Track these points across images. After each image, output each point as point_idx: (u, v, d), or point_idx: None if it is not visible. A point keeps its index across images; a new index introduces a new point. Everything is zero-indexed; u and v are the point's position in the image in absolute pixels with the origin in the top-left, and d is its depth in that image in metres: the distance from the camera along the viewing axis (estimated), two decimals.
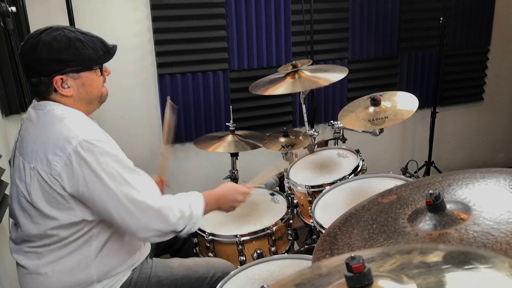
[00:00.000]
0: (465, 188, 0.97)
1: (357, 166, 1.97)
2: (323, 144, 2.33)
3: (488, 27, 3.46)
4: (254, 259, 1.74)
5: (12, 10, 1.69)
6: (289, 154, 2.23)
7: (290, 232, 1.95)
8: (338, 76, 2.10)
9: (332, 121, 2.25)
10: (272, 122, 3.04)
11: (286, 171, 2.12)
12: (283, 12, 2.85)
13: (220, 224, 1.87)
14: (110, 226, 1.38)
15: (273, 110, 3.02)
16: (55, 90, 1.32)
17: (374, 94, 1.88)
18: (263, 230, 1.79)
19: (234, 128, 2.37)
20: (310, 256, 1.47)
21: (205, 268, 1.59)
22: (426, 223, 0.87)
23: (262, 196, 2.06)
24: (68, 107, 1.35)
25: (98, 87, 1.40)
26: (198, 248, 1.92)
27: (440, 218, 0.85)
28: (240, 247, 1.76)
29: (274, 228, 1.80)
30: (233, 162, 2.45)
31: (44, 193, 1.28)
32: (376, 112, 1.84)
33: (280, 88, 2.11)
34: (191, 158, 2.94)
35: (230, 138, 2.34)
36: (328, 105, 3.16)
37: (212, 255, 1.82)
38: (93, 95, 1.39)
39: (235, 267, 1.59)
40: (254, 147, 2.31)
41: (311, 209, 1.77)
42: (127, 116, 2.72)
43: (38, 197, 1.29)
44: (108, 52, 1.39)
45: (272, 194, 2.06)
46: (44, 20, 2.37)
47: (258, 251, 1.78)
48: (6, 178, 1.79)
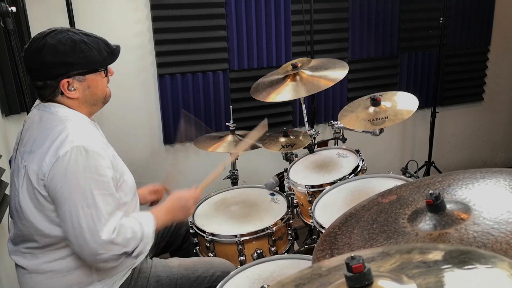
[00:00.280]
0: (465, 188, 0.97)
1: (357, 166, 1.97)
2: (323, 144, 2.33)
3: (488, 27, 3.46)
4: (254, 259, 1.74)
5: (12, 10, 1.69)
6: (289, 155, 2.24)
7: (290, 232, 1.95)
8: (339, 73, 2.09)
9: (332, 121, 2.25)
10: (272, 122, 3.03)
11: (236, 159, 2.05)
12: (283, 12, 2.85)
13: (220, 224, 1.87)
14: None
15: (273, 110, 3.02)
16: (61, 93, 1.32)
17: (374, 94, 1.88)
18: (263, 230, 1.79)
19: (234, 128, 2.37)
20: (310, 256, 1.46)
21: (204, 267, 1.59)
22: (426, 223, 0.87)
23: (262, 196, 2.06)
24: (72, 109, 1.36)
25: (103, 88, 1.40)
26: (198, 248, 1.92)
27: (440, 218, 0.86)
28: (240, 247, 1.76)
29: (274, 228, 1.80)
30: (233, 162, 2.45)
31: (30, 194, 1.28)
32: (376, 112, 1.84)
33: (282, 94, 2.10)
34: (191, 158, 2.94)
35: (230, 138, 2.34)
36: (328, 105, 3.16)
37: (212, 255, 1.82)
38: (98, 96, 1.40)
39: (235, 266, 1.60)
40: (254, 147, 2.31)
41: (311, 209, 1.77)
42: (127, 116, 2.72)
43: (24, 197, 1.29)
44: (112, 53, 1.39)
45: (272, 194, 2.06)
46: (44, 20, 2.37)
47: (258, 251, 1.78)
48: (6, 178, 1.79)
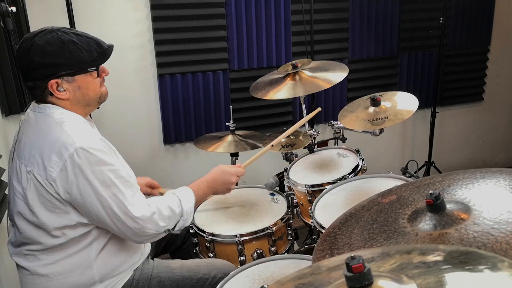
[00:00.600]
0: (465, 188, 0.97)
1: (357, 166, 1.97)
2: (323, 144, 2.33)
3: (488, 27, 3.46)
4: (254, 259, 1.74)
5: (12, 10, 1.69)
6: (289, 155, 2.23)
7: (290, 232, 1.95)
8: (339, 76, 2.09)
9: (332, 121, 2.25)
10: (272, 122, 3.04)
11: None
12: (283, 12, 2.85)
13: (220, 224, 1.87)
14: None
15: (273, 110, 3.03)
16: (51, 94, 1.31)
17: (374, 94, 1.88)
18: (263, 230, 1.79)
19: (234, 128, 2.37)
20: (310, 256, 1.46)
21: (206, 269, 1.59)
22: (426, 223, 0.87)
23: (262, 196, 2.06)
24: (67, 110, 1.34)
25: (94, 89, 1.38)
26: (198, 248, 1.92)
27: (440, 218, 0.85)
28: (240, 247, 1.76)
29: (274, 228, 1.80)
30: (233, 162, 2.44)
31: (40, 197, 1.28)
32: (376, 112, 1.84)
33: (281, 92, 2.10)
34: (191, 158, 2.94)
35: (230, 138, 2.34)
36: (328, 105, 3.16)
37: (212, 255, 1.82)
38: (90, 97, 1.37)
39: (236, 267, 1.59)
40: (254, 147, 2.31)
41: (311, 209, 1.77)
42: (127, 116, 2.72)
43: (34, 200, 1.28)
44: (104, 53, 1.36)
45: (272, 194, 2.06)
46: (44, 20, 2.37)
47: (258, 251, 1.78)
48: (6, 178, 1.79)
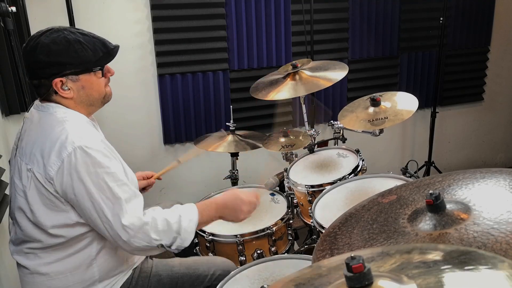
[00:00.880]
0: (465, 188, 0.97)
1: (357, 166, 1.97)
2: (323, 144, 2.33)
3: (488, 27, 3.46)
4: (254, 259, 1.74)
5: (12, 10, 1.69)
6: (289, 155, 2.23)
7: (290, 232, 1.95)
8: (339, 74, 2.09)
9: (332, 121, 2.25)
10: (272, 122, 3.04)
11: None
12: (283, 12, 2.85)
13: (220, 224, 1.86)
14: None
15: (273, 110, 3.02)
16: (56, 92, 1.32)
17: (374, 95, 1.88)
18: (263, 230, 1.79)
19: (234, 128, 2.37)
20: (310, 256, 1.46)
21: (205, 266, 1.59)
22: (426, 223, 0.87)
23: (262, 196, 2.06)
24: (70, 109, 1.35)
25: (98, 89, 1.38)
26: (198, 248, 1.92)
27: (440, 218, 0.85)
28: (240, 247, 1.76)
29: (274, 228, 1.80)
30: (233, 162, 2.45)
31: (40, 195, 1.28)
32: (376, 112, 1.84)
33: (282, 93, 2.10)
34: (191, 158, 2.94)
35: (230, 138, 2.34)
36: (328, 105, 3.16)
37: (212, 255, 1.82)
38: (93, 97, 1.38)
39: (236, 267, 1.59)
40: (254, 147, 2.31)
41: (311, 209, 1.77)
42: (127, 116, 2.72)
43: (34, 198, 1.28)
44: (109, 53, 1.37)
45: (272, 194, 2.06)
46: (44, 20, 2.37)
47: (258, 251, 1.78)
48: (6, 178, 1.79)
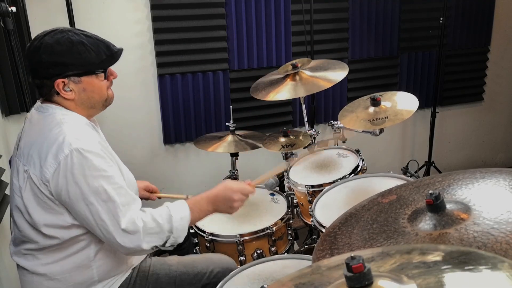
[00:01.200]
0: (465, 188, 0.97)
1: (357, 166, 1.97)
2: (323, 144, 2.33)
3: (488, 27, 3.46)
4: (254, 259, 1.75)
5: (12, 10, 1.69)
6: (289, 155, 2.23)
7: (290, 232, 1.95)
8: (339, 74, 2.09)
9: (332, 121, 2.24)
10: (272, 122, 3.04)
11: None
12: (283, 12, 2.85)
13: (220, 224, 1.87)
14: None
15: (273, 110, 3.02)
16: (57, 93, 1.32)
17: (374, 94, 1.88)
18: (263, 230, 1.79)
19: (234, 128, 2.37)
20: (310, 256, 1.46)
21: (203, 263, 1.59)
22: (426, 223, 0.87)
23: (262, 196, 2.06)
24: (70, 111, 1.35)
25: (100, 92, 1.38)
26: (198, 248, 1.92)
27: (440, 218, 0.85)
28: (240, 247, 1.76)
29: (274, 228, 1.80)
30: (233, 162, 2.45)
31: (35, 196, 1.28)
32: (376, 112, 1.84)
33: (282, 93, 2.10)
34: (191, 158, 2.94)
35: (230, 138, 2.34)
36: (328, 105, 3.16)
37: None
38: (94, 100, 1.38)
39: (234, 262, 1.59)
40: (254, 147, 2.31)
41: (311, 208, 1.77)
42: (127, 116, 2.71)
43: (29, 199, 1.28)
44: (112, 56, 1.36)
45: (272, 194, 2.06)
46: (44, 20, 2.37)
47: (258, 251, 1.78)
48: (6, 178, 1.79)
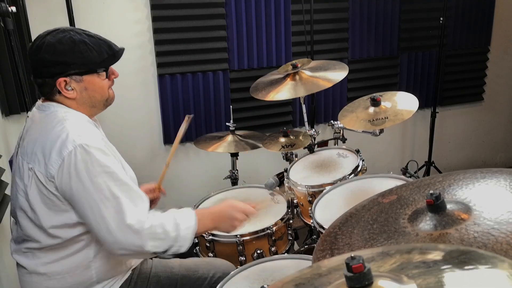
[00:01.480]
0: (465, 188, 0.96)
1: (357, 166, 1.97)
2: (323, 144, 2.33)
3: (488, 27, 3.46)
4: (254, 259, 1.74)
5: (12, 10, 1.69)
6: (289, 155, 2.23)
7: (290, 232, 1.95)
8: (339, 74, 2.09)
9: (332, 121, 2.24)
10: (272, 122, 3.04)
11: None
12: (283, 12, 2.85)
13: None
14: None
15: (273, 110, 3.03)
16: (59, 92, 1.32)
17: (374, 94, 1.88)
18: (263, 230, 1.79)
19: (234, 128, 2.37)
20: (310, 256, 1.46)
21: (205, 268, 1.59)
22: (427, 223, 0.87)
23: (262, 196, 2.06)
24: (71, 109, 1.35)
25: (101, 91, 1.38)
26: (198, 248, 1.92)
27: (441, 218, 0.85)
28: (240, 247, 1.76)
29: (274, 228, 1.80)
30: (233, 162, 2.45)
31: (41, 194, 1.28)
32: (376, 112, 1.84)
33: (282, 93, 2.10)
34: (191, 158, 2.94)
35: (230, 138, 2.34)
36: (328, 105, 3.16)
37: (212, 255, 1.82)
38: (96, 99, 1.38)
39: (236, 267, 1.59)
40: (254, 147, 2.31)
41: (311, 209, 1.77)
42: (127, 116, 2.72)
43: (35, 198, 1.28)
44: (114, 55, 1.37)
45: (272, 194, 2.06)
46: (44, 20, 2.37)
47: (258, 251, 1.78)
48: (6, 178, 1.79)
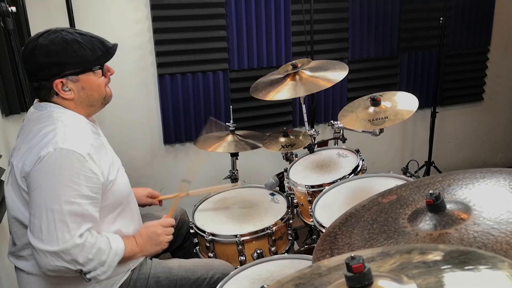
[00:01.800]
0: (465, 188, 0.96)
1: (357, 166, 1.97)
2: (323, 144, 2.33)
3: (488, 27, 3.46)
4: (254, 259, 1.74)
5: (12, 10, 1.69)
6: (289, 155, 2.23)
7: (290, 232, 1.95)
8: (339, 74, 2.09)
9: (332, 121, 2.24)
10: (272, 122, 3.04)
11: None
12: (283, 12, 2.85)
13: (220, 224, 1.87)
14: (101, 229, 1.37)
15: (273, 110, 3.02)
16: (57, 94, 1.32)
17: (374, 94, 1.88)
18: (263, 230, 1.79)
19: (234, 128, 2.37)
20: (310, 256, 1.46)
21: (204, 269, 1.59)
22: (426, 223, 0.87)
23: (262, 196, 2.06)
24: (68, 109, 1.35)
25: (99, 89, 1.38)
26: (198, 248, 1.92)
27: (440, 218, 0.85)
28: (240, 247, 1.76)
29: (274, 228, 1.80)
30: (233, 162, 2.45)
31: (15, 192, 1.28)
32: (376, 112, 1.84)
33: (282, 93, 2.10)
34: (191, 158, 2.93)
35: (230, 138, 2.34)
36: (328, 105, 3.16)
37: (212, 255, 1.82)
38: (94, 98, 1.38)
39: (235, 268, 1.59)
40: (254, 147, 2.31)
41: (311, 209, 1.77)
42: (127, 116, 2.72)
43: (11, 195, 1.29)
44: (107, 51, 1.37)
45: (272, 194, 2.06)
46: (44, 20, 2.37)
47: (258, 251, 1.78)
48: (6, 178, 1.79)
